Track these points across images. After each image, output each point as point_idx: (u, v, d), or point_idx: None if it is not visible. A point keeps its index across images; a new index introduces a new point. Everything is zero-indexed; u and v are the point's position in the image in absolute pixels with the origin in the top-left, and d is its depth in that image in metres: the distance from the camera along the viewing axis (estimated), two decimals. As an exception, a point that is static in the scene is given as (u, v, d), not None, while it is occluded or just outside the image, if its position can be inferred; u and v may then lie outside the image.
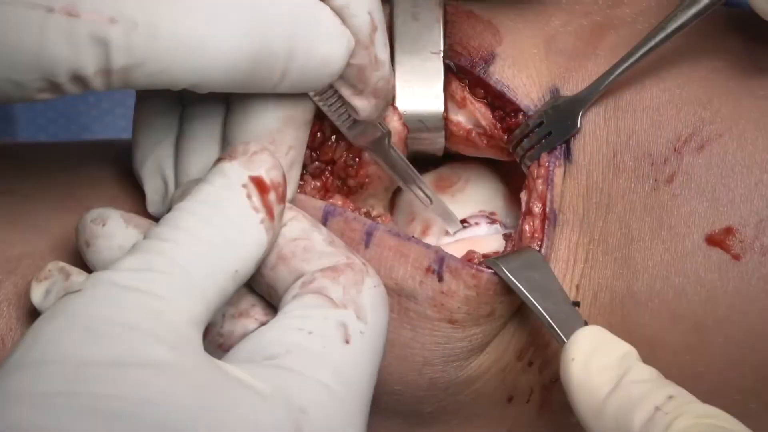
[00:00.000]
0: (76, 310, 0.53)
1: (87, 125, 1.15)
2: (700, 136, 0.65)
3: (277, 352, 0.56)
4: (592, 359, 0.59)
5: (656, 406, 0.55)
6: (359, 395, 0.57)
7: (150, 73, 0.58)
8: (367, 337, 0.59)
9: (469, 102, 0.70)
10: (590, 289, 0.67)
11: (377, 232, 0.65)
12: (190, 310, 0.55)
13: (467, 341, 0.65)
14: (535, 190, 0.67)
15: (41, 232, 0.70)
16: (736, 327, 0.64)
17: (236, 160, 0.60)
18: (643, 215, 0.65)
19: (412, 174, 0.70)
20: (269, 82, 0.61)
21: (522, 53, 0.69)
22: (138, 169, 0.68)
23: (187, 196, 0.59)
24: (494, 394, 0.68)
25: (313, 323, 0.58)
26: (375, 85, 0.64)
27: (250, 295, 0.63)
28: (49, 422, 0.50)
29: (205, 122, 0.66)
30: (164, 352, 0.53)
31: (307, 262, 0.61)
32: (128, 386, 0.51)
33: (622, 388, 0.57)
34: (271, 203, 0.59)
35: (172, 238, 0.56)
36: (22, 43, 0.56)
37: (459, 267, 0.64)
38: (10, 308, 0.68)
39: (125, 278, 0.54)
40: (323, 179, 0.70)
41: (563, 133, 0.67)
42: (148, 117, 0.68)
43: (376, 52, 0.63)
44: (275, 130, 0.64)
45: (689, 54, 0.68)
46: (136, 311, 0.53)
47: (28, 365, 0.52)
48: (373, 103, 0.65)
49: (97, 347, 0.52)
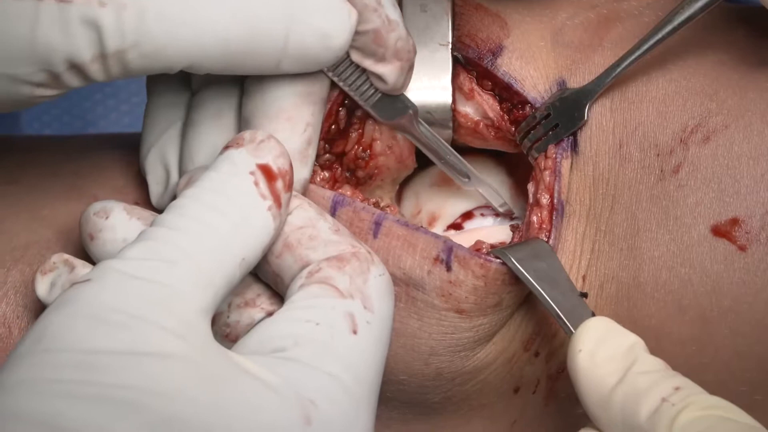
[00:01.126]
0: (84, 299, 0.53)
1: (92, 122, 1.15)
2: (706, 127, 0.65)
3: (285, 344, 0.56)
4: (599, 350, 0.59)
5: (663, 398, 0.56)
6: (367, 385, 0.57)
7: (144, 55, 0.58)
8: (374, 326, 0.59)
9: (476, 94, 0.70)
10: (597, 280, 0.67)
11: (386, 221, 0.65)
12: (197, 299, 0.55)
13: (474, 331, 0.66)
14: (542, 182, 0.68)
15: (47, 222, 0.70)
16: (742, 318, 0.64)
17: (243, 147, 0.60)
18: (649, 206, 0.65)
19: (445, 149, 0.70)
20: (269, 61, 0.61)
21: (529, 45, 0.70)
22: (143, 161, 0.69)
23: (194, 184, 0.59)
24: (501, 385, 0.68)
25: (320, 314, 0.58)
26: (395, 47, 0.64)
27: (256, 285, 0.63)
28: (58, 410, 0.50)
29: (212, 109, 0.66)
30: (173, 341, 0.53)
31: (312, 250, 0.61)
32: (137, 375, 0.51)
33: (629, 379, 0.57)
34: (278, 191, 0.59)
35: (179, 226, 0.56)
36: (16, 34, 0.56)
37: (467, 257, 0.64)
38: (17, 296, 0.68)
39: (132, 267, 0.54)
40: (332, 170, 0.70)
41: (570, 124, 0.68)
42: (156, 111, 0.69)
43: (387, 12, 0.63)
44: (292, 107, 0.64)
45: (696, 46, 0.68)
46: (144, 300, 0.53)
47: (36, 354, 0.52)
48: (398, 66, 0.65)
49: (105, 336, 0.52)
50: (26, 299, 0.68)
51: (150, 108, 0.69)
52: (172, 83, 0.68)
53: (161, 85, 0.69)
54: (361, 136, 0.69)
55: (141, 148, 0.69)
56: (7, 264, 0.69)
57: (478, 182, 0.71)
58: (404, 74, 0.66)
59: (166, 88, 0.68)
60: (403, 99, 0.68)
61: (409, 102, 0.68)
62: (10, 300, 0.68)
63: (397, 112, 0.68)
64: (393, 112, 0.68)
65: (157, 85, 0.69)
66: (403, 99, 0.67)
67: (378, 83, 0.66)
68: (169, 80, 0.68)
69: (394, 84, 0.66)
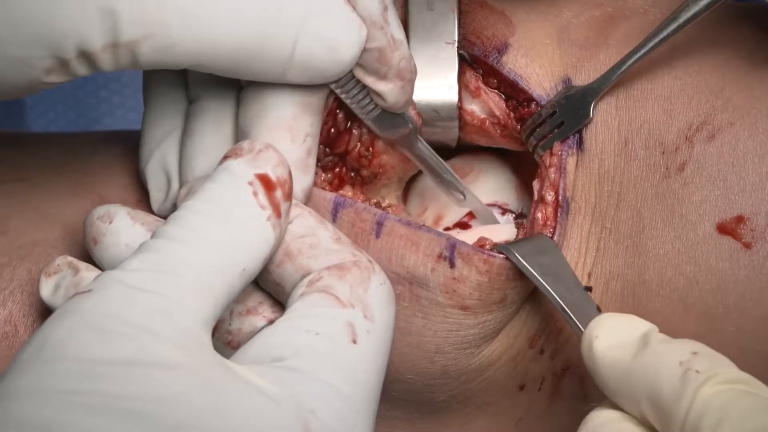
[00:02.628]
0: (86, 309, 0.53)
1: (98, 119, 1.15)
2: (711, 125, 0.65)
3: (285, 354, 0.56)
4: (615, 335, 0.58)
5: (680, 361, 0.55)
6: (367, 394, 0.57)
7: (156, 48, 0.58)
8: (373, 335, 0.59)
9: (482, 92, 0.71)
10: (602, 277, 0.67)
11: (387, 221, 0.65)
12: (199, 310, 0.55)
13: (479, 328, 0.66)
14: (547, 179, 0.68)
15: (53, 220, 0.70)
16: (747, 316, 0.64)
17: (242, 157, 0.60)
18: (655, 203, 0.65)
19: (443, 167, 0.70)
20: (276, 67, 0.61)
21: (535, 44, 0.70)
22: (142, 167, 0.68)
23: (194, 195, 0.59)
24: (506, 382, 0.68)
25: (320, 324, 0.58)
26: (398, 66, 0.64)
27: (257, 293, 0.63)
28: (61, 419, 0.50)
29: (210, 119, 0.66)
30: (175, 352, 0.53)
31: (313, 260, 0.61)
32: (139, 385, 0.51)
33: (647, 350, 0.57)
34: (277, 200, 0.59)
35: (180, 238, 0.56)
36: (32, 15, 0.56)
37: (471, 253, 0.64)
38: (24, 294, 0.68)
39: (134, 278, 0.55)
40: (336, 171, 0.70)
41: (576, 122, 0.68)
42: (154, 115, 0.68)
43: (392, 31, 0.63)
44: (291, 117, 0.64)
45: (701, 44, 0.68)
46: (146, 311, 0.53)
47: (39, 363, 0.52)
48: (399, 85, 0.65)
49: (108, 346, 0.52)
50: (32, 298, 0.68)
51: (148, 115, 0.69)
52: (170, 91, 0.68)
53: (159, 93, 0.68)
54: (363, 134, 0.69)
55: (140, 155, 0.69)
56: (14, 262, 0.69)
57: (474, 201, 0.72)
58: (405, 93, 0.66)
59: (164, 96, 0.68)
60: (403, 115, 0.68)
61: (409, 118, 0.68)
62: (16, 298, 0.68)
63: (397, 128, 0.68)
64: (392, 128, 0.68)
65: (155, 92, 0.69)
66: (403, 115, 0.67)
67: (378, 100, 0.66)
68: (166, 88, 0.68)
69: (394, 102, 0.66)
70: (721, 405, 0.53)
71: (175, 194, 0.66)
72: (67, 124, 1.15)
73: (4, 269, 0.68)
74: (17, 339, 0.67)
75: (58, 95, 1.13)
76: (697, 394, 0.54)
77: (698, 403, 0.54)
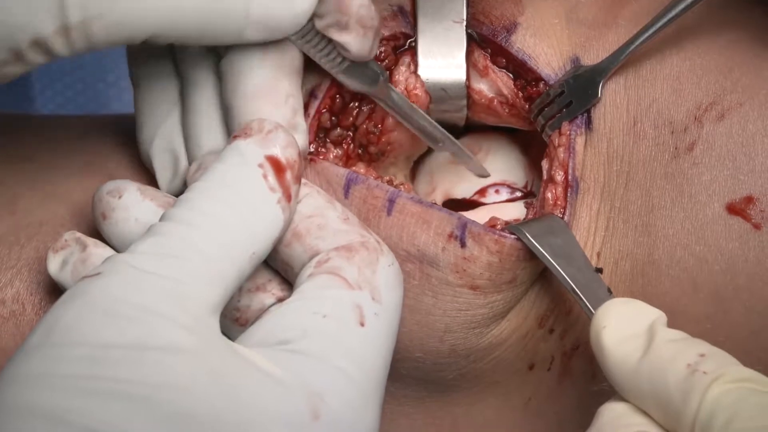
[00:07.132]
0: (95, 293, 0.53)
1: (105, 104, 1.15)
2: (720, 105, 0.65)
3: (293, 336, 0.56)
4: (623, 326, 0.59)
5: (688, 364, 0.55)
6: (374, 377, 0.57)
7: (107, 25, 0.57)
8: (381, 318, 0.59)
9: (491, 71, 0.70)
10: (611, 257, 0.67)
11: (400, 199, 0.65)
12: (208, 294, 0.55)
13: (489, 308, 0.66)
14: (556, 159, 0.68)
15: (61, 199, 0.70)
16: (757, 296, 0.64)
17: (251, 137, 0.60)
18: (664, 183, 0.65)
19: (417, 112, 0.69)
20: (234, 27, 0.60)
21: (543, 23, 0.70)
22: (146, 149, 0.68)
23: (203, 176, 0.59)
24: (515, 362, 0.68)
25: (328, 306, 0.58)
26: (358, 14, 0.63)
27: (266, 270, 0.63)
28: (71, 404, 0.50)
29: (205, 94, 0.66)
30: (184, 336, 0.53)
31: (321, 240, 0.61)
32: (148, 370, 0.51)
33: (654, 349, 0.57)
34: (287, 183, 0.59)
35: (190, 221, 0.56)
36: None
37: (482, 232, 0.64)
38: (31, 273, 0.68)
39: (143, 262, 0.55)
40: (345, 147, 0.70)
41: (584, 102, 0.68)
42: (148, 97, 0.68)
43: None
44: (267, 83, 0.63)
45: (710, 24, 0.68)
46: (155, 295, 0.53)
47: (48, 347, 0.52)
48: (361, 34, 0.64)
49: (116, 331, 0.52)
50: (40, 276, 0.68)
51: (141, 96, 0.68)
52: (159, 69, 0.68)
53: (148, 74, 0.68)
54: (373, 111, 0.69)
55: (141, 137, 0.68)
56: (21, 241, 0.69)
57: (451, 144, 0.70)
58: (369, 42, 0.64)
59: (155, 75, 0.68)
60: (372, 65, 0.67)
61: (379, 68, 0.67)
62: (23, 277, 0.68)
63: (367, 79, 0.67)
64: (363, 79, 0.67)
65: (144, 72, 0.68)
66: (372, 65, 0.67)
67: (343, 52, 0.65)
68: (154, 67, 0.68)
69: (358, 51, 0.64)
70: (730, 403, 0.53)
71: (183, 172, 0.66)
72: (76, 109, 1.15)
73: (12, 248, 0.68)
74: (24, 317, 0.67)
75: (67, 80, 1.13)
76: (705, 394, 0.54)
77: (707, 402, 0.54)
